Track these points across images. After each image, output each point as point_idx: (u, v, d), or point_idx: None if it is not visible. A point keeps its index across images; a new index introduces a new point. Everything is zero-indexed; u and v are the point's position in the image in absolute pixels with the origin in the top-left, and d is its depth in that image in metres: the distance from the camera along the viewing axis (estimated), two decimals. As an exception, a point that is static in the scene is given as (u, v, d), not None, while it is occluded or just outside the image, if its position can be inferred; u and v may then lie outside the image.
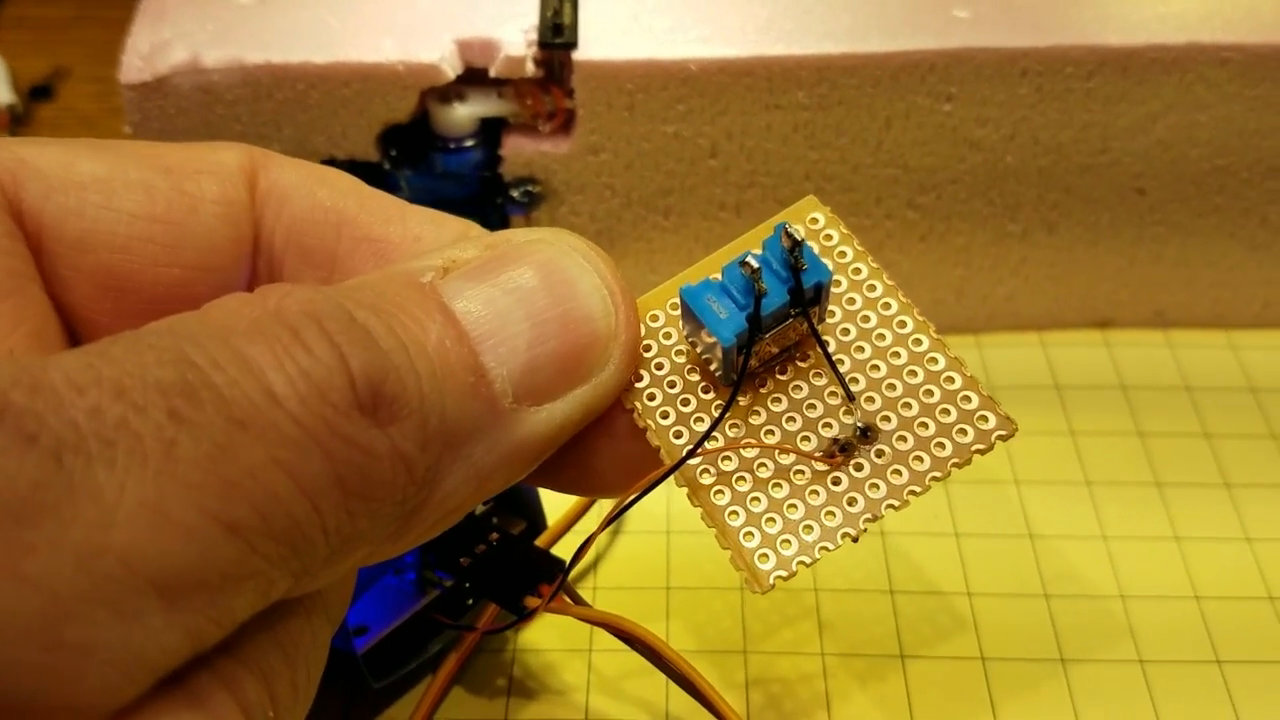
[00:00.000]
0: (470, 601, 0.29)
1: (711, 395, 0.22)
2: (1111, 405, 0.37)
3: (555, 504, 0.31)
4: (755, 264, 0.21)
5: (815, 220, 0.23)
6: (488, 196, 0.35)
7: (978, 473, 0.35)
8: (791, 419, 0.22)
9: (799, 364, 0.22)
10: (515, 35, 0.33)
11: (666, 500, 0.34)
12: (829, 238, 0.23)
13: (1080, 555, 0.33)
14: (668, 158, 0.35)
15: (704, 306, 0.21)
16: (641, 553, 0.33)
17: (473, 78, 0.34)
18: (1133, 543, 0.33)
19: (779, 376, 0.22)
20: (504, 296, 0.19)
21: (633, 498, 0.22)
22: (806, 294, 0.21)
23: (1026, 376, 0.38)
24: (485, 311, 0.19)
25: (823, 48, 0.33)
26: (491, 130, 0.35)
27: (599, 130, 0.34)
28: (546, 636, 0.31)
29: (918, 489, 0.21)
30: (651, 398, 0.22)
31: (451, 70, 0.33)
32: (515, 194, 0.35)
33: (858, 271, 0.23)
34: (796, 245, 0.21)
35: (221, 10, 0.34)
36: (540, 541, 0.30)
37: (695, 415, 0.22)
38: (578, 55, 0.33)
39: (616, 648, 0.26)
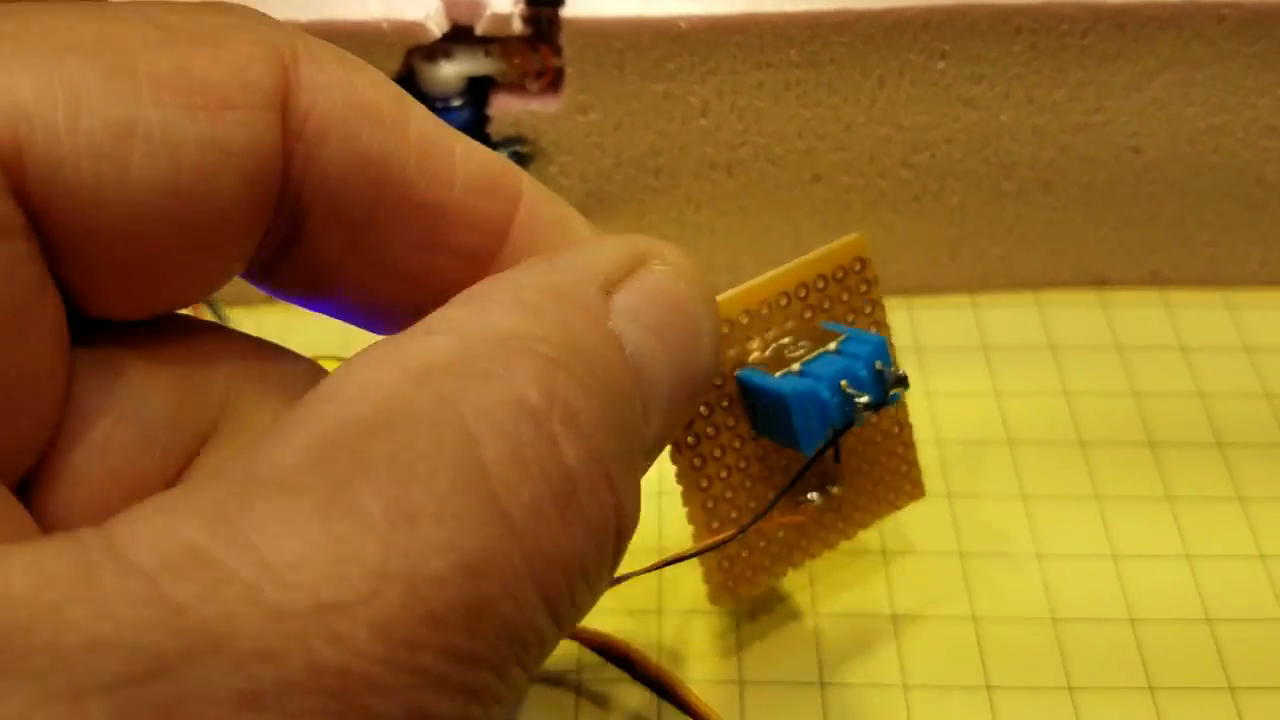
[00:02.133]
0: None
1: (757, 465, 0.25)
2: (1107, 366, 0.37)
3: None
4: (854, 391, 0.23)
5: (859, 264, 0.24)
6: (476, 157, 0.35)
7: (970, 432, 0.35)
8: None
9: None
10: (502, -8, 0.33)
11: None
12: (865, 286, 0.26)
13: (1072, 517, 0.33)
14: (658, 117, 0.34)
15: (790, 411, 0.23)
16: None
17: (459, 36, 0.33)
18: (1126, 503, 0.33)
19: None
20: (659, 346, 0.18)
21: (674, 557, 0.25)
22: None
23: (1022, 336, 0.38)
24: (646, 358, 0.18)
25: (814, 4, 0.32)
26: (479, 89, 0.35)
27: (588, 89, 0.34)
28: None
29: None
30: (699, 464, 0.25)
31: (437, 28, 0.33)
32: (504, 154, 0.35)
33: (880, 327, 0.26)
34: (900, 382, 0.24)
35: (204, -32, 0.34)
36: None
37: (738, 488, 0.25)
38: (565, 13, 0.32)
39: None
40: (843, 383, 0.23)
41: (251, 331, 0.21)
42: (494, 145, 0.35)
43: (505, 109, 0.34)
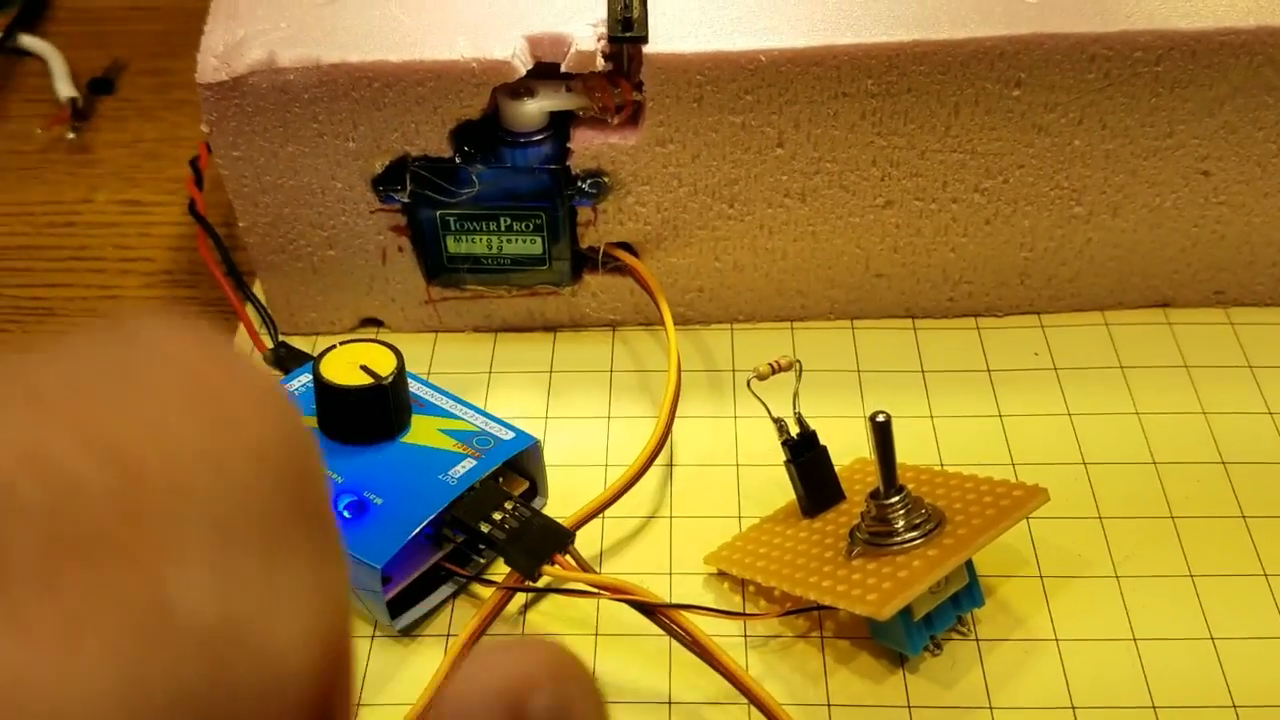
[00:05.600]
0: (482, 547, 0.31)
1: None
2: (1174, 384, 0.37)
3: (563, 480, 0.32)
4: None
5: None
6: (556, 188, 0.36)
7: (1045, 454, 0.35)
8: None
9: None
10: (584, 30, 0.34)
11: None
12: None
13: (1149, 535, 0.33)
14: (734, 147, 0.35)
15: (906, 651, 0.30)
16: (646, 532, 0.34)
17: (542, 72, 0.34)
18: (1200, 523, 0.34)
19: None
20: None
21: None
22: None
23: (1091, 357, 0.38)
24: None
25: (892, 36, 0.33)
26: (560, 123, 0.35)
27: (667, 122, 0.35)
28: (554, 621, 0.32)
29: None
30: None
31: (522, 66, 0.33)
32: (584, 186, 0.36)
33: None
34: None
35: (295, 8, 0.35)
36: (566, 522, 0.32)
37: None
38: (648, 49, 0.33)
39: (624, 630, 0.27)
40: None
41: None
42: (574, 178, 0.36)
43: (586, 143, 0.35)
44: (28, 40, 0.54)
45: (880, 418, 0.29)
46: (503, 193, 0.36)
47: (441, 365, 0.39)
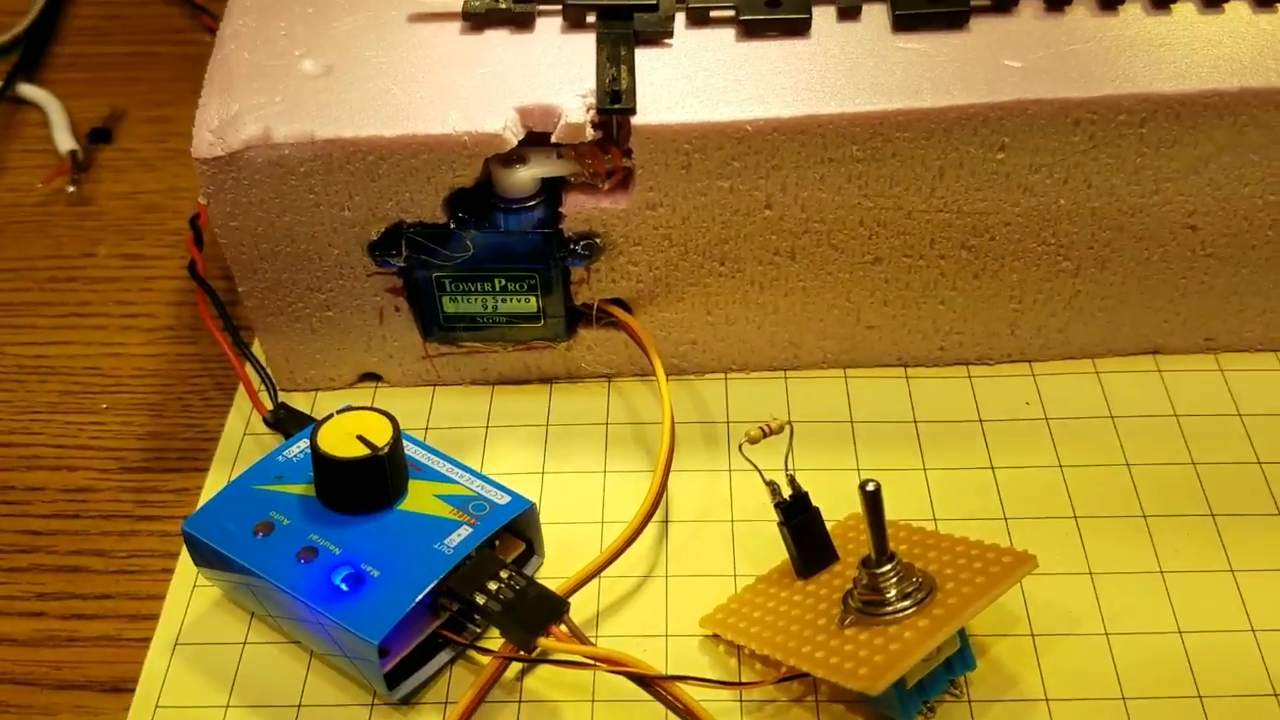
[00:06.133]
0: (477, 616, 0.32)
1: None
2: (1164, 433, 0.38)
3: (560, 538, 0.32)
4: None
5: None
6: (550, 250, 0.36)
7: (1037, 507, 0.36)
8: None
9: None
10: (574, 101, 0.34)
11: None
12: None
13: (1138, 589, 0.34)
14: (723, 210, 0.36)
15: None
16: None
17: (533, 139, 0.35)
18: (1188, 578, 0.34)
19: None
20: None
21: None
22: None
23: (1081, 407, 0.39)
24: None
25: (876, 104, 0.33)
26: (552, 187, 0.36)
27: (657, 187, 0.35)
28: (551, 688, 0.32)
29: None
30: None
31: (514, 137, 0.34)
32: (577, 248, 0.36)
33: None
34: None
35: (288, 81, 0.35)
36: (560, 589, 0.32)
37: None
38: (636, 120, 0.34)
39: (619, 696, 0.27)
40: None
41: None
42: (567, 240, 0.36)
43: (578, 207, 0.36)
44: (27, 89, 0.54)
45: (870, 487, 0.29)
46: (497, 255, 0.36)
47: (439, 420, 0.40)
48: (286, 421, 0.38)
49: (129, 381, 0.42)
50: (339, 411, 0.33)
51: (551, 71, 0.35)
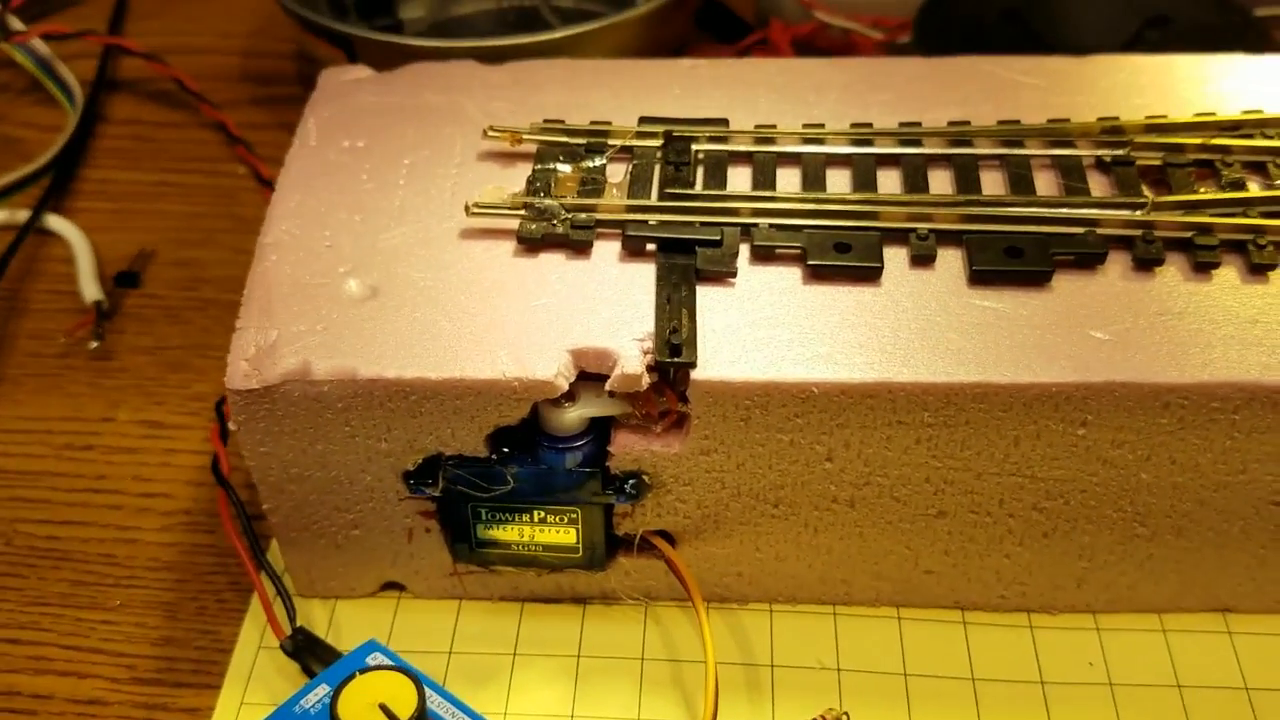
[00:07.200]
0: None
1: None
2: (1233, 708, 0.35)
3: None
4: None
5: None
6: (595, 488, 0.34)
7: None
8: None
9: None
10: (631, 347, 0.32)
11: None
12: None
13: None
14: (781, 459, 0.34)
15: None
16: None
17: (585, 374, 0.33)
18: None
19: None
20: None
21: None
22: None
23: (1146, 673, 0.36)
24: None
25: (951, 376, 0.31)
26: (601, 423, 0.34)
27: (712, 435, 0.33)
28: None
29: None
30: None
31: (565, 382, 0.32)
32: (624, 486, 0.34)
33: None
34: None
35: (330, 307, 0.33)
36: None
37: None
38: (696, 374, 0.32)
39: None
40: None
41: None
42: (613, 478, 0.34)
43: (627, 447, 0.34)
44: (54, 221, 0.53)
45: None
46: (538, 489, 0.34)
47: (464, 643, 0.38)
48: (304, 651, 0.35)
49: (143, 574, 0.40)
50: (360, 671, 0.31)
51: (607, 309, 0.33)
